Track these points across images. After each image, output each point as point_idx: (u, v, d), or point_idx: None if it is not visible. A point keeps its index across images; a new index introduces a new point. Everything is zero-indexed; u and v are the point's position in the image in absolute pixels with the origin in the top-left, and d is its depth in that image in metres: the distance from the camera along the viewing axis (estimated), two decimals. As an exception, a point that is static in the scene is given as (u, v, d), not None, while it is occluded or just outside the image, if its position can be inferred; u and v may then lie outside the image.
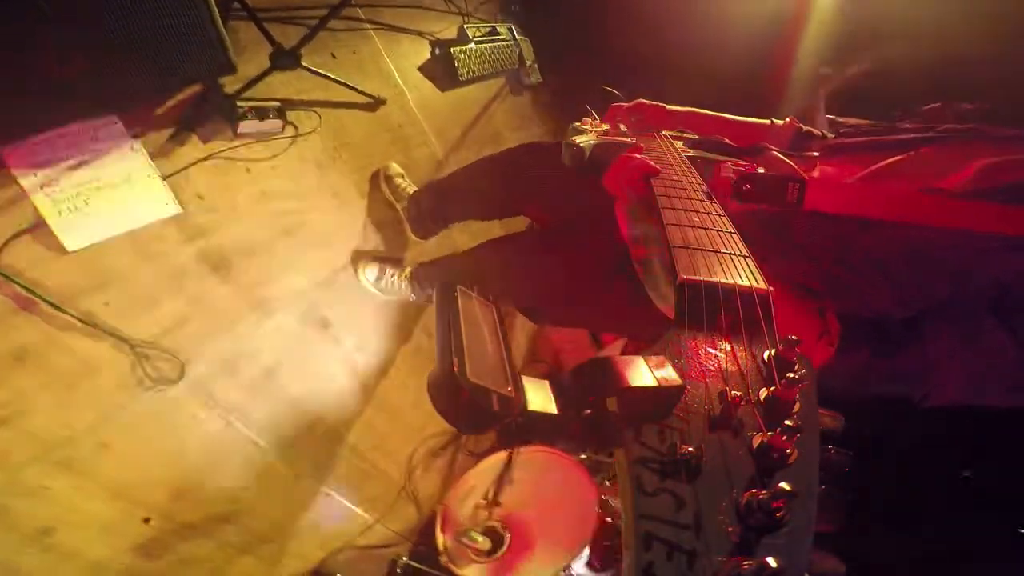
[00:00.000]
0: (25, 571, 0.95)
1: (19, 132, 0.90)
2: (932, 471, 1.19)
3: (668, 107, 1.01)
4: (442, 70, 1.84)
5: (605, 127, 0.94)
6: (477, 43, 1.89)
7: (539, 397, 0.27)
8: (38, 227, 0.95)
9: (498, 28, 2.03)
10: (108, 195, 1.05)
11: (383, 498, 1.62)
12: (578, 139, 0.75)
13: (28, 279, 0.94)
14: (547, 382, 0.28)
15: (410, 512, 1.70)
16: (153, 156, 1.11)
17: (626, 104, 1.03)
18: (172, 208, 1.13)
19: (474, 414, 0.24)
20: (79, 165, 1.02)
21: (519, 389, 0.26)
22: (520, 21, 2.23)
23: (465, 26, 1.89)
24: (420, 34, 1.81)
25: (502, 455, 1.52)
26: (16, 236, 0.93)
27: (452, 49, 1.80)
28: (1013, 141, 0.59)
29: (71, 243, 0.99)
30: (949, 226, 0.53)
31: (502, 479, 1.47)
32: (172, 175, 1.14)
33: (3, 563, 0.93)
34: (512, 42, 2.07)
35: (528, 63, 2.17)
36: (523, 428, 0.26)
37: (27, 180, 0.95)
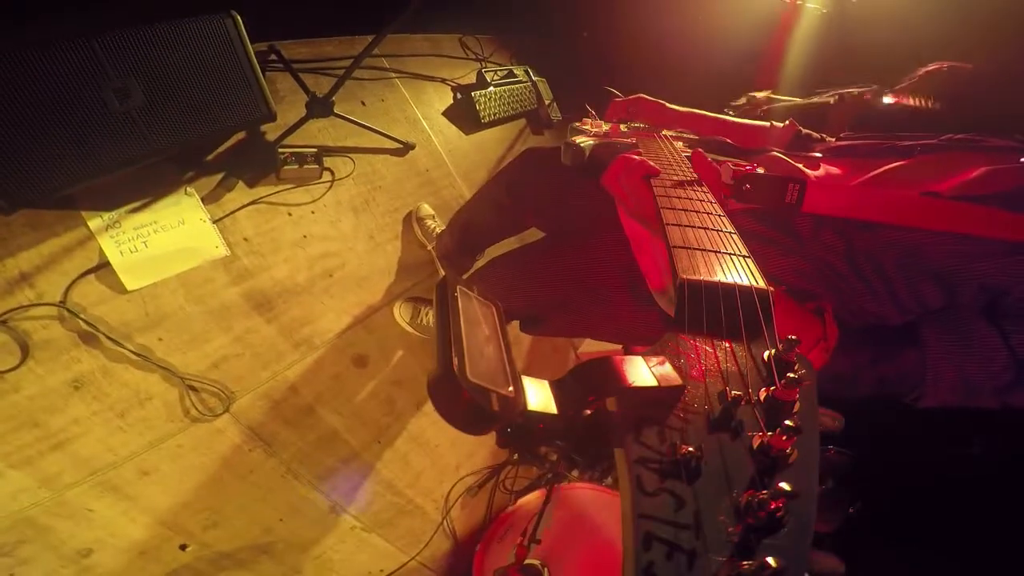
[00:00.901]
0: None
1: (91, 176, 0.97)
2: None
3: (668, 105, 1.02)
4: (465, 114, 1.93)
5: (606, 127, 0.94)
6: (496, 86, 1.98)
7: (539, 397, 0.27)
8: (102, 267, 1.05)
9: (514, 71, 2.11)
10: (164, 237, 1.14)
11: (420, 535, 1.60)
12: (578, 139, 0.76)
13: (91, 315, 1.02)
14: (547, 382, 0.28)
15: (447, 549, 1.67)
16: (204, 201, 1.21)
17: (626, 98, 1.03)
18: (222, 250, 1.22)
19: (474, 414, 0.24)
20: (139, 209, 1.12)
21: (519, 389, 0.26)
22: (533, 60, 2.30)
23: (483, 71, 1.97)
24: (443, 81, 1.92)
25: (540, 492, 1.49)
26: (83, 275, 1.02)
27: (473, 93, 1.90)
28: (1008, 151, 0.60)
29: (131, 283, 1.08)
30: (947, 230, 0.53)
31: (541, 516, 1.43)
32: (221, 219, 1.23)
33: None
34: (529, 83, 2.14)
35: (547, 102, 2.23)
36: (522, 428, 0.26)
37: (94, 222, 1.05)
